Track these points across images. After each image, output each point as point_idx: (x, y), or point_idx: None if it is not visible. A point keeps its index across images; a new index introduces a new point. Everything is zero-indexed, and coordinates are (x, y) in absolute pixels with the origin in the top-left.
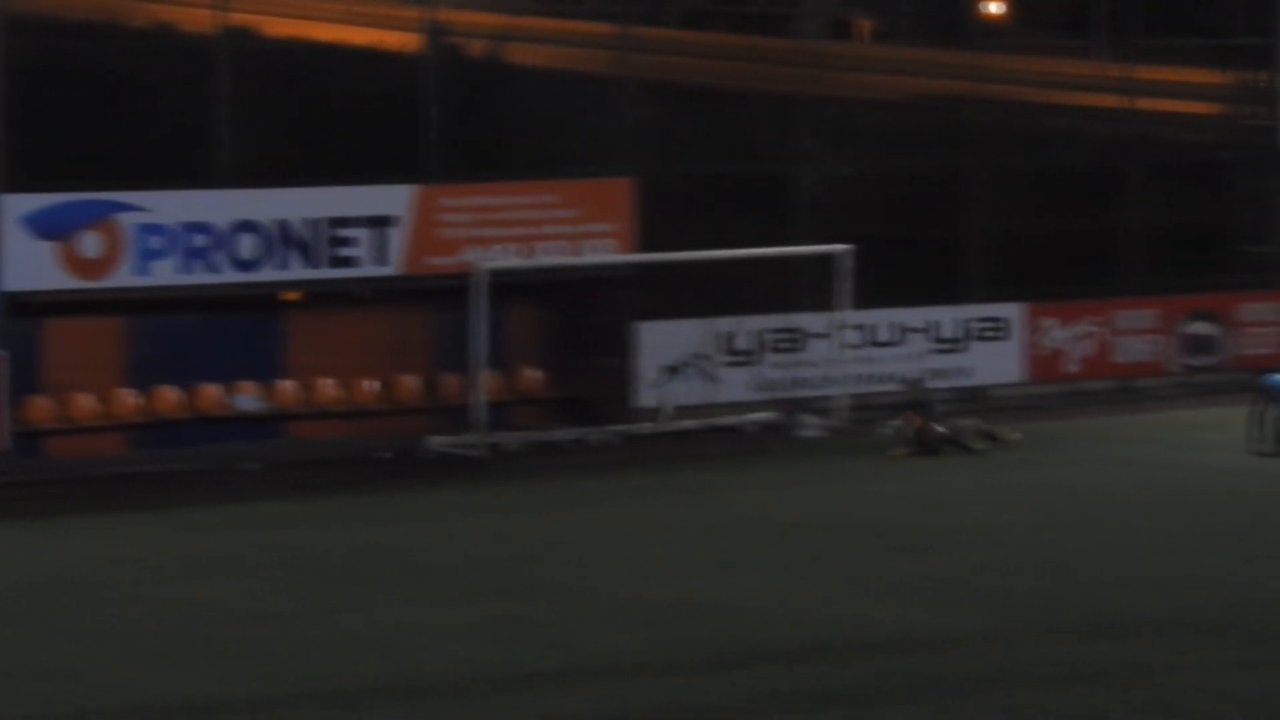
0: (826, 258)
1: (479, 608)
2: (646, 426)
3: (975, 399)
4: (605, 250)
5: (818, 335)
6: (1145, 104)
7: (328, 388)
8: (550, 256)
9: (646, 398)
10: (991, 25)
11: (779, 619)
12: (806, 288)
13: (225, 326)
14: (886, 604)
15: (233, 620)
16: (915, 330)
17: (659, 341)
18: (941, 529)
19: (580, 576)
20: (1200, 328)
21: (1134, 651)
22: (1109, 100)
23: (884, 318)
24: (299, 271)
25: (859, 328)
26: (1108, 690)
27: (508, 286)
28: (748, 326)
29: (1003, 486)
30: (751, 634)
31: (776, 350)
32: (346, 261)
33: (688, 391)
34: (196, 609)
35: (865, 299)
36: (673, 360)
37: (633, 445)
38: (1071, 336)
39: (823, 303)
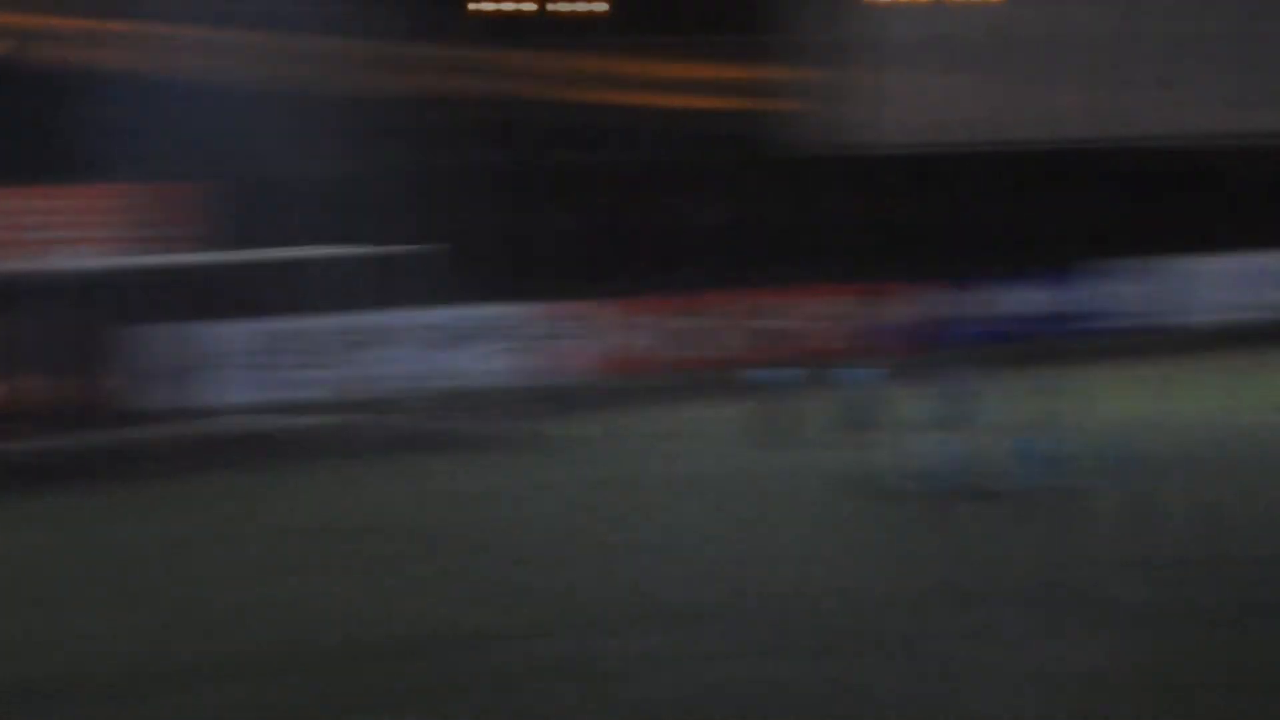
0: (397, 257)
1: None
2: (165, 431)
3: (538, 396)
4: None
5: (383, 335)
6: (676, 100)
7: None
8: (59, 260)
9: (163, 401)
10: (549, 23)
11: (340, 621)
12: (375, 287)
13: None
14: (429, 602)
15: None
16: (481, 328)
17: (183, 344)
18: (486, 527)
19: (140, 585)
20: (763, 323)
21: (666, 641)
22: (647, 98)
23: (452, 316)
24: None
25: (427, 327)
26: (610, 684)
27: (21, 292)
28: (308, 326)
29: (559, 482)
30: (315, 636)
31: (337, 350)
32: None
33: (230, 392)
34: None
35: (438, 297)
36: (206, 361)
37: (158, 452)
38: (638, 332)
39: (391, 302)
